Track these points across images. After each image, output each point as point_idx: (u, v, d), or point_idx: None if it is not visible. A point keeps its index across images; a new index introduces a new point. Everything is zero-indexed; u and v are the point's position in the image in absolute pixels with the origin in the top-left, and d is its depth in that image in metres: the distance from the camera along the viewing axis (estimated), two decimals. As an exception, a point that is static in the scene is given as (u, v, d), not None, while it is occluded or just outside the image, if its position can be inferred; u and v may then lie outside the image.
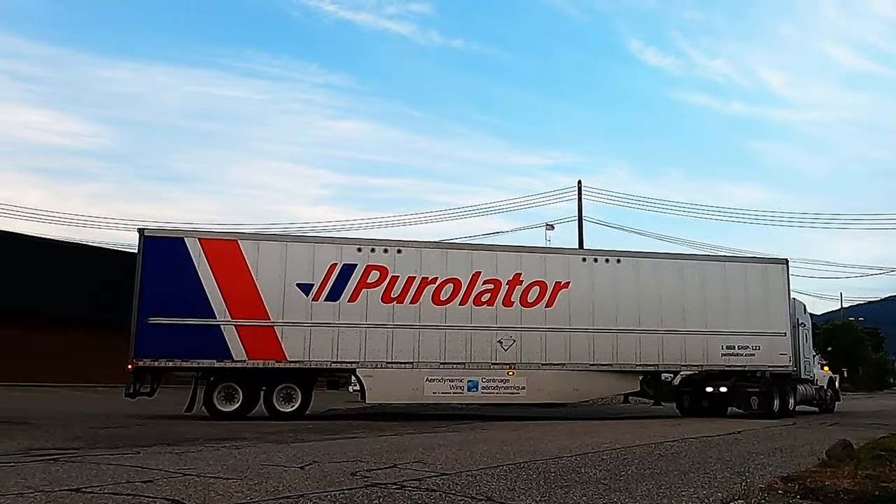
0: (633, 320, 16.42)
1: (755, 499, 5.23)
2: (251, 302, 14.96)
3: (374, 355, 15.24)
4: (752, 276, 17.26)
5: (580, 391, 16.25)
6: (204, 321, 14.69)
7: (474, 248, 16.61)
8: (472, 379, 15.60)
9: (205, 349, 14.63)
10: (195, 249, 14.95)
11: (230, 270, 15.01)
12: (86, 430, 11.02)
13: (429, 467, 6.75)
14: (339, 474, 6.17)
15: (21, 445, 8.52)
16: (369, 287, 15.46)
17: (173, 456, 7.58)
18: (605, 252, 17.02)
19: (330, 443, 9.61)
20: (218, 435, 10.34)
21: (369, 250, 15.70)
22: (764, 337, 16.98)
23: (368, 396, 15.29)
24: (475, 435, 11.27)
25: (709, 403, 17.29)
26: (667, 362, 16.54)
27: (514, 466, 6.92)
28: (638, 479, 6.20)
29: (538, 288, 16.14)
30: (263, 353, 14.86)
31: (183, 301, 14.71)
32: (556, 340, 16.01)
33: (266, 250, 15.29)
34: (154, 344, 14.49)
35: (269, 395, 14.91)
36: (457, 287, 15.80)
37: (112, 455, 7.53)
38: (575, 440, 10.29)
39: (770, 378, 17.02)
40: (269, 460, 7.28)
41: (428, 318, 15.54)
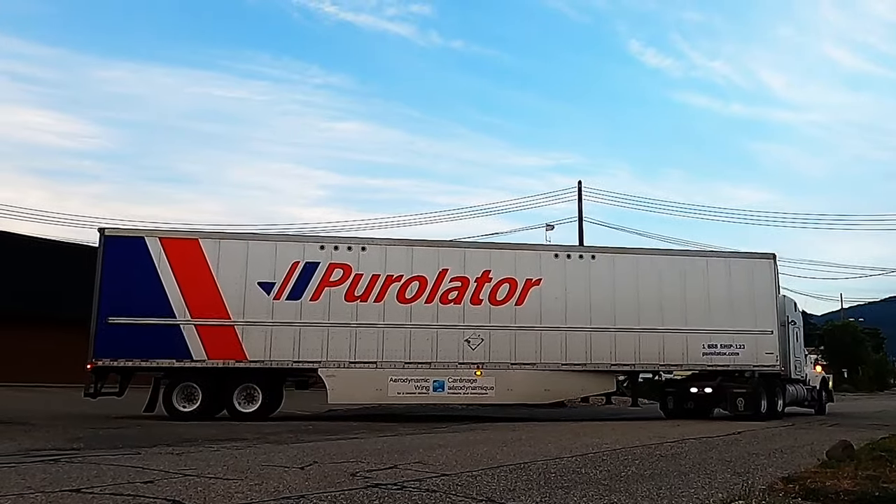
0: (608, 318, 15.80)
1: (756, 499, 5.15)
2: (211, 301, 14.77)
3: (337, 355, 14.91)
4: (737, 271, 16.49)
5: (551, 392, 15.66)
6: (163, 321, 14.54)
7: (441, 244, 16.17)
8: (438, 379, 15.16)
9: (164, 349, 14.47)
10: (155, 249, 14.82)
11: (190, 270, 14.84)
12: (86, 430, 11.05)
13: (429, 468, 6.77)
14: (339, 475, 6.19)
15: (22, 446, 8.56)
16: (332, 285, 15.15)
17: (173, 456, 7.59)
18: (579, 248, 16.49)
19: (330, 443, 9.60)
20: (218, 436, 10.36)
21: (332, 248, 15.40)
22: (749, 335, 16.20)
23: (331, 397, 14.96)
24: (475, 435, 11.21)
25: (693, 405, 16.55)
26: (644, 362, 15.86)
27: (515, 467, 6.91)
28: (638, 480, 6.20)
29: (508, 285, 15.64)
30: (223, 353, 14.65)
31: (143, 300, 14.58)
32: (527, 339, 15.48)
33: (227, 249, 15.09)
34: (113, 344, 14.38)
35: (230, 395, 14.68)
36: (423, 285, 15.39)
37: (112, 456, 7.57)
38: (575, 441, 10.23)
39: (757, 378, 16.22)
40: (269, 461, 7.30)
41: (392, 317, 15.17)
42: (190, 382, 14.60)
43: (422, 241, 16.10)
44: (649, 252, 16.88)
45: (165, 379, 14.73)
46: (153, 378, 14.76)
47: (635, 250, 16.71)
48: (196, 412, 14.42)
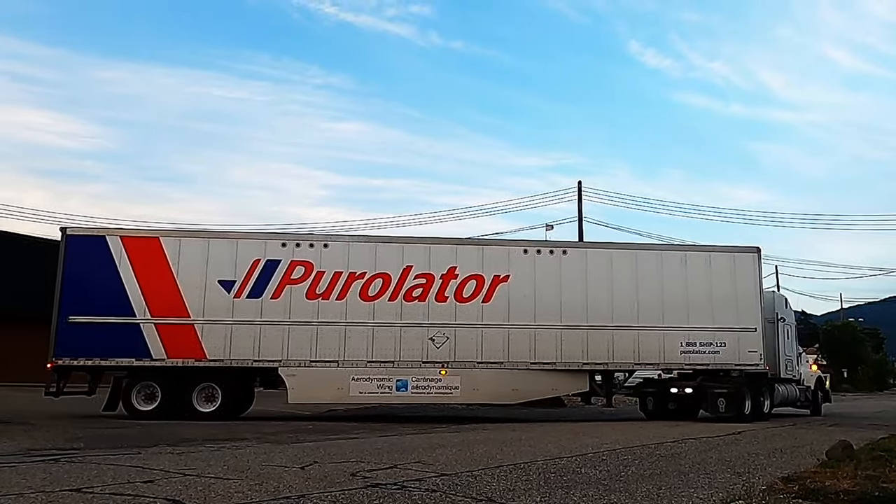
0: (580, 315, 15.19)
1: (756, 499, 5.13)
2: (171, 300, 14.63)
3: (298, 353, 14.63)
4: (718, 266, 15.72)
5: (520, 392, 15.10)
6: (123, 319, 14.44)
7: (406, 241, 15.74)
8: (402, 378, 14.76)
9: (124, 348, 14.36)
10: (116, 247, 14.74)
11: (151, 268, 14.72)
12: (86, 430, 11.05)
13: (429, 467, 6.76)
14: (339, 474, 6.19)
15: (22, 446, 8.57)
16: (293, 283, 14.88)
17: (174, 456, 7.61)
18: (550, 243, 15.91)
19: (330, 443, 9.59)
20: (218, 435, 10.34)
21: (294, 245, 15.13)
22: (731, 333, 15.41)
23: (291, 396, 14.67)
24: (475, 435, 11.17)
25: (674, 405, 15.83)
26: (618, 360, 15.19)
27: (515, 467, 6.90)
28: (638, 480, 6.18)
29: (475, 282, 15.16)
30: (183, 352, 14.48)
31: (103, 299, 14.51)
32: (494, 337, 14.97)
33: (188, 247, 14.94)
34: (74, 343, 14.33)
35: (189, 394, 14.50)
36: (386, 282, 15.02)
37: (113, 455, 7.58)
38: (575, 440, 10.20)
39: (741, 378, 15.44)
40: (269, 461, 7.30)
41: (355, 315, 14.82)
42: (149, 382, 14.47)
43: (386, 238, 15.76)
44: (624, 247, 16.21)
45: (127, 378, 14.63)
46: (112, 377, 14.65)
47: (609, 245, 16.06)
48: (155, 412, 14.27)
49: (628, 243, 17.10)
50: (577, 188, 28.47)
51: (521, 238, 17.60)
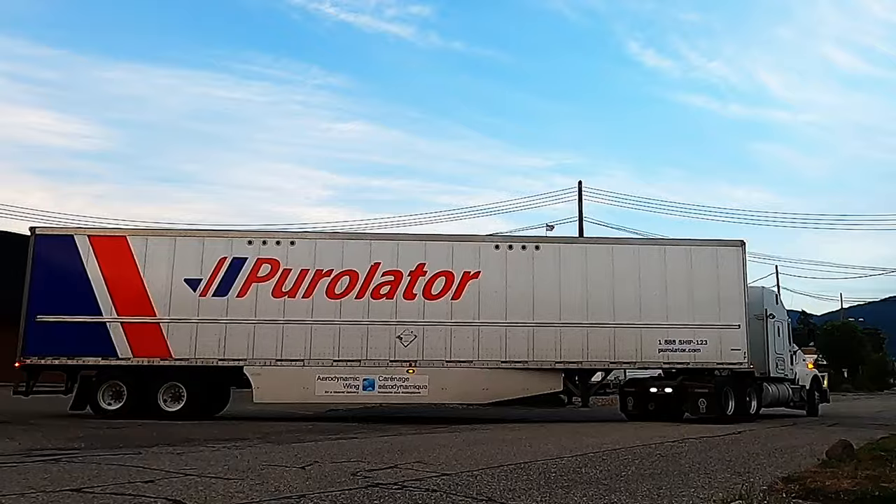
0: (553, 312, 14.71)
1: (756, 499, 5.10)
2: (137, 298, 14.56)
3: (263, 352, 14.43)
4: (699, 260, 15.07)
5: (490, 391, 14.67)
6: (90, 318, 14.42)
7: (373, 237, 15.46)
8: (368, 377, 14.45)
9: (91, 346, 14.35)
10: (84, 247, 14.73)
11: (118, 267, 14.68)
12: (86, 430, 11.10)
13: (430, 467, 6.76)
14: (339, 474, 6.19)
15: (22, 446, 8.59)
16: (259, 281, 14.69)
17: (174, 456, 7.62)
18: (522, 238, 15.48)
19: (331, 443, 9.60)
20: (219, 435, 10.38)
21: (261, 243, 14.94)
22: (712, 330, 14.77)
23: (256, 395, 14.49)
24: (476, 435, 11.14)
25: (655, 406, 15.23)
26: (592, 359, 14.65)
27: (515, 467, 6.90)
28: (639, 480, 6.18)
29: (444, 279, 14.78)
30: (149, 351, 14.41)
31: (71, 299, 14.51)
32: (463, 335, 14.58)
33: (154, 245, 14.86)
34: (42, 341, 14.37)
35: (155, 393, 14.41)
36: (353, 279, 14.73)
37: (113, 455, 7.60)
38: (575, 440, 10.16)
39: (724, 377, 14.80)
40: (269, 460, 7.31)
41: (321, 313, 14.57)
42: (116, 381, 14.43)
43: (353, 234, 15.47)
44: (600, 241, 15.66)
45: (94, 377, 14.60)
46: (79, 376, 14.63)
47: (584, 240, 15.63)
48: (122, 410, 14.21)
49: (604, 238, 16.50)
50: (578, 188, 27.97)
51: (483, 234, 17.07)
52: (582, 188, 27.85)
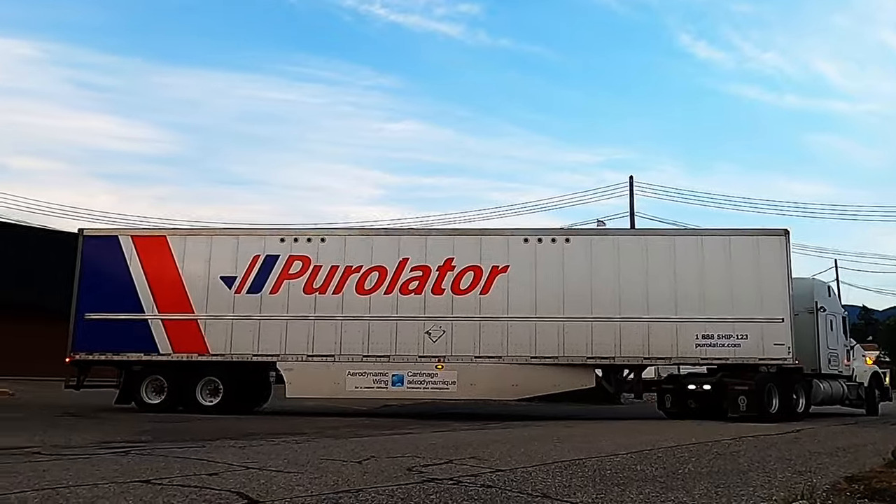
0: (584, 307, 14.35)
1: (820, 499, 4.96)
2: (177, 296, 15.09)
3: (295, 348, 14.69)
4: (739, 251, 14.39)
5: (520, 387, 14.45)
6: (133, 316, 15.03)
7: (402, 233, 15.49)
8: (398, 373, 14.49)
9: (134, 343, 14.95)
10: (128, 247, 15.37)
11: (159, 266, 15.25)
12: (153, 423, 11.62)
13: (484, 463, 6.73)
14: (395, 469, 6.21)
15: (94, 438, 8.99)
16: (291, 278, 14.96)
17: (236, 449, 7.82)
18: (552, 231, 15.11)
19: (385, 438, 9.73)
20: (278, 430, 10.69)
21: (292, 240, 15.22)
22: (753, 323, 14.07)
23: (289, 391, 14.75)
24: (528, 432, 11.15)
25: (694, 403, 14.65)
26: (625, 354, 14.21)
27: (570, 463, 6.84)
28: (695, 478, 6.05)
29: (472, 273, 14.67)
30: (187, 347, 14.90)
31: (116, 297, 15.16)
32: (492, 331, 14.42)
33: (192, 245, 15.36)
34: (90, 338, 15.08)
35: (193, 388, 14.89)
36: (382, 275, 14.81)
37: (179, 448, 7.86)
38: (630, 438, 10.00)
39: (767, 373, 14.09)
40: (327, 455, 7.44)
41: (351, 309, 14.72)
42: (157, 375, 14.99)
43: (381, 230, 15.54)
44: (632, 233, 15.24)
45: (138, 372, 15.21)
46: (123, 371, 15.26)
47: (616, 231, 15.21)
48: (163, 404, 14.77)
49: (637, 229, 16.01)
50: (629, 183, 27.25)
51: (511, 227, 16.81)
52: (633, 183, 27.18)
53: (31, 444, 8.00)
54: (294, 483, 5.33)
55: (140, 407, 14.82)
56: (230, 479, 5.44)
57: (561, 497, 4.97)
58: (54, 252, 15.57)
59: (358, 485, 5.28)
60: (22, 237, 25.83)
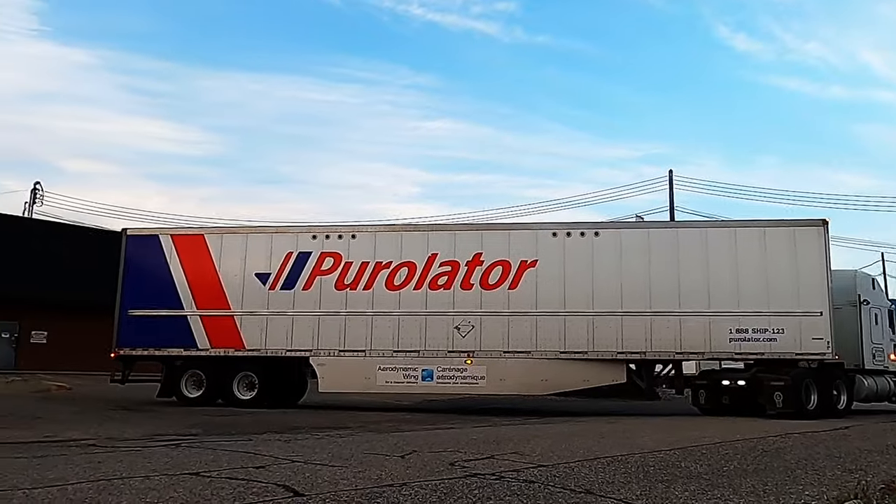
0: (614, 301, 14.18)
1: (875, 498, 4.84)
2: (214, 293, 15.55)
3: (328, 343, 14.97)
4: (775, 242, 13.99)
5: (549, 382, 14.38)
6: (173, 312, 15.56)
7: (431, 228, 15.61)
8: (427, 368, 14.63)
9: (174, 338, 15.48)
10: (168, 245, 15.92)
11: (197, 263, 15.74)
12: (202, 417, 12.06)
13: (526, 458, 6.74)
14: (438, 464, 6.27)
15: (145, 431, 9.36)
16: (323, 274, 15.25)
17: (282, 443, 8.03)
18: (581, 224, 14.96)
19: (428, 432, 9.83)
20: (322, 424, 10.98)
21: (324, 237, 15.50)
22: (790, 317, 13.67)
23: (321, 385, 15.05)
24: (570, 427, 11.12)
25: (729, 399, 14.33)
26: (657, 349, 13.99)
27: (612, 459, 6.79)
28: (741, 475, 5.91)
29: (501, 268, 14.67)
30: (224, 342, 15.35)
31: (157, 294, 15.72)
32: (521, 325, 14.40)
33: (228, 243, 15.80)
34: (133, 334, 15.69)
35: (230, 382, 15.34)
36: (411, 271, 14.95)
37: (227, 442, 8.14)
38: (672, 434, 9.85)
39: (805, 369, 13.67)
40: (371, 449, 7.53)
41: (381, 305, 14.91)
42: (196, 370, 15.50)
43: (411, 226, 15.65)
44: (663, 226, 14.85)
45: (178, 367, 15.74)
46: (164, 366, 15.82)
47: (646, 224, 14.88)
48: (201, 398, 15.26)
49: (668, 222, 15.70)
50: (668, 177, 26.70)
51: (540, 221, 16.70)
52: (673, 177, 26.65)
53: (86, 437, 8.42)
54: (338, 477, 5.40)
55: (180, 400, 15.35)
56: (276, 473, 5.53)
57: (605, 493, 4.91)
58: (106, 251, 16.27)
59: (401, 479, 5.32)
60: (79, 237, 26.99)
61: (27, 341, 26.24)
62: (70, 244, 25.90)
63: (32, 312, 25.90)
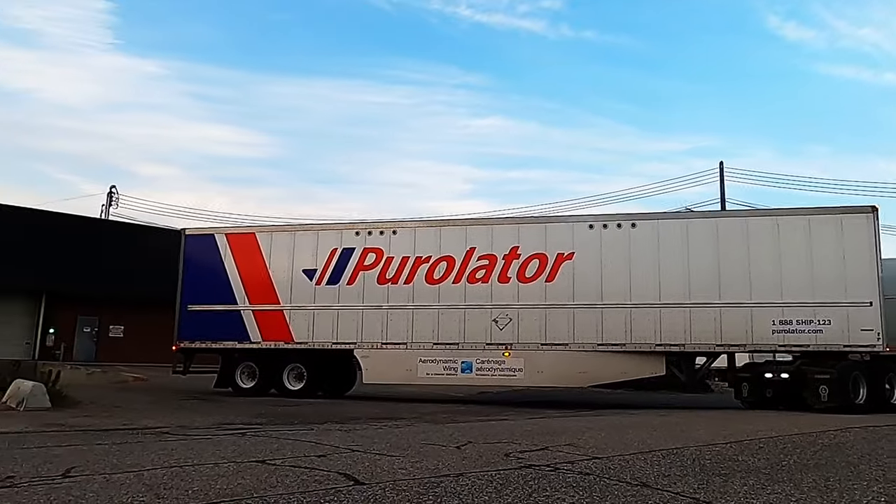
0: (652, 293, 14.07)
1: None
2: (265, 288, 16.34)
3: (371, 336, 15.50)
4: (820, 231, 13.53)
5: (587, 374, 14.40)
6: (228, 307, 16.46)
7: (469, 223, 15.88)
8: (466, 360, 14.93)
9: (229, 332, 16.37)
10: (222, 244, 16.83)
11: (249, 261, 16.58)
12: (266, 407, 12.68)
13: (580, 450, 6.73)
14: (493, 455, 6.34)
15: (214, 420, 9.87)
16: (366, 269, 15.77)
17: (342, 433, 8.30)
18: (617, 216, 14.85)
19: (482, 424, 10.02)
20: (379, 415, 11.43)
21: (366, 233, 16.01)
22: (837, 308, 13.21)
23: (365, 377, 15.59)
24: (623, 419, 11.17)
25: (773, 393, 13.97)
26: (696, 341, 13.79)
27: (667, 452, 6.75)
28: (802, 470, 5.83)
29: (537, 261, 14.80)
30: (275, 335, 16.12)
31: (213, 290, 16.65)
32: (558, 318, 14.49)
33: (278, 240, 16.56)
34: (192, 328, 16.69)
35: (280, 373, 16.10)
36: (450, 265, 15.28)
37: (290, 431, 8.49)
38: (727, 427, 9.77)
39: (852, 361, 13.19)
40: (427, 439, 7.66)
41: (421, 298, 15.31)
42: (249, 362, 16.34)
43: (449, 221, 15.94)
44: (702, 216, 14.62)
45: (233, 359, 16.62)
46: (220, 358, 16.73)
47: (685, 215, 14.64)
48: (254, 389, 16.10)
49: (707, 212, 15.39)
50: (719, 169, 26.09)
51: (577, 214, 16.64)
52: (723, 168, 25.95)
53: (160, 425, 9.00)
54: (397, 466, 5.52)
55: (235, 391, 16.22)
56: (337, 461, 5.69)
57: (661, 487, 4.79)
58: (174, 249, 17.40)
59: (457, 469, 5.36)
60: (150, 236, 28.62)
61: (106, 335, 28.14)
62: (142, 243, 27.52)
63: (110, 308, 27.74)
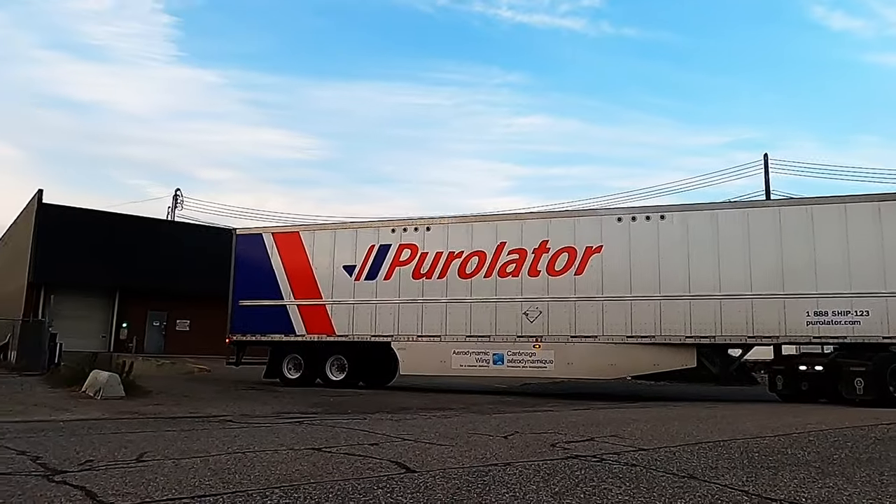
0: (682, 284, 14.01)
1: None
2: (308, 284, 17.14)
3: (407, 329, 16.04)
4: (857, 219, 13.13)
5: (616, 366, 14.48)
6: (275, 302, 17.35)
7: (500, 218, 16.14)
8: (498, 352, 15.26)
9: (276, 326, 17.26)
10: (269, 242, 17.73)
11: (294, 258, 17.42)
12: (321, 397, 13.22)
13: (625, 441, 6.75)
14: (539, 445, 6.41)
15: (273, 409, 10.31)
16: (401, 265, 16.32)
17: (393, 423, 8.51)
18: (646, 209, 14.83)
19: (528, 415, 10.24)
20: (427, 405, 11.78)
21: (402, 230, 16.55)
22: (875, 298, 12.80)
23: (402, 368, 16.15)
24: (668, 411, 11.20)
25: (809, 386, 13.69)
26: (727, 333, 13.64)
27: (714, 444, 6.66)
28: (854, 464, 5.66)
29: (567, 255, 14.96)
30: (318, 329, 16.90)
31: (261, 286, 17.58)
32: (587, 310, 14.63)
33: (320, 238, 17.31)
34: (243, 321, 17.68)
35: (323, 365, 16.88)
36: (482, 259, 15.64)
37: (344, 420, 8.80)
38: (775, 419, 9.70)
39: (891, 353, 12.77)
40: (474, 429, 7.79)
41: (454, 292, 15.73)
42: (295, 354, 17.19)
43: (480, 217, 16.25)
44: (732, 206, 14.37)
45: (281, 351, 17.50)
46: (269, 350, 17.65)
47: (714, 205, 14.41)
48: (300, 379, 16.94)
49: (738, 201, 15.09)
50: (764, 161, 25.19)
51: (605, 207, 16.60)
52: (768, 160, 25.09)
53: (224, 413, 9.60)
54: (446, 455, 5.63)
55: (283, 381, 17.11)
56: (389, 450, 5.85)
57: (708, 479, 4.72)
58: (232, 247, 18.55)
59: (505, 459, 5.45)
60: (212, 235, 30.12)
61: (173, 329, 29.89)
62: (205, 242, 29.02)
63: (177, 303, 29.42)
